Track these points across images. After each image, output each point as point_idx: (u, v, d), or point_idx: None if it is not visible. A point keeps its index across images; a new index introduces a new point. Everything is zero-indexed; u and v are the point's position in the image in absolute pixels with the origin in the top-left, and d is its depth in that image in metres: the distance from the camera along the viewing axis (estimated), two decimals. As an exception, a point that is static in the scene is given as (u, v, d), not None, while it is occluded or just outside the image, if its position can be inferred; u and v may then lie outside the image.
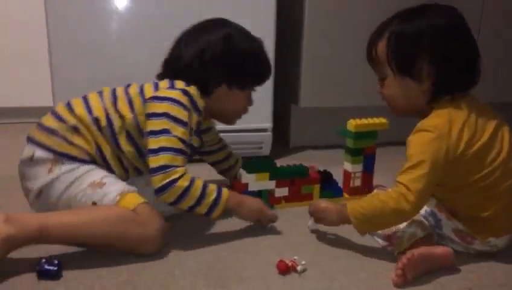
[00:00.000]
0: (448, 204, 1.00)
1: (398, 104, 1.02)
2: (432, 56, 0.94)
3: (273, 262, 0.97)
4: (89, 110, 1.05)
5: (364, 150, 1.31)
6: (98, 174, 1.03)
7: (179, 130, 1.01)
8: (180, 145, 1.01)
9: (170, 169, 0.98)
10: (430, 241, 0.99)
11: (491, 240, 0.99)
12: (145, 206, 0.99)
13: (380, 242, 1.07)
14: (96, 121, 1.04)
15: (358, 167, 1.32)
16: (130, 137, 1.06)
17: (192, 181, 1.00)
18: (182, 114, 1.03)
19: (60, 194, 1.01)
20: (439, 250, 0.94)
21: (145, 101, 1.04)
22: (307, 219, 1.19)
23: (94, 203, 0.99)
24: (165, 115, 1.01)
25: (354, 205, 0.98)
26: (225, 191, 1.05)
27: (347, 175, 1.33)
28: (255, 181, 1.22)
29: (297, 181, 1.26)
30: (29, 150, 1.03)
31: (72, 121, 1.04)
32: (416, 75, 0.96)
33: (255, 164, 1.22)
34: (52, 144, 1.02)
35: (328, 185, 1.31)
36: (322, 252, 1.04)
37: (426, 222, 1.02)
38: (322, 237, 1.11)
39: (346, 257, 1.02)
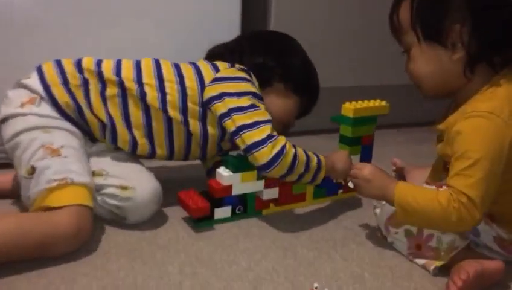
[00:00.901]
0: (491, 207, 0.82)
1: (426, 82, 0.83)
2: (463, 14, 0.75)
3: (287, 294, 0.74)
4: (118, 72, 0.96)
5: (363, 138, 1.11)
6: (62, 139, 0.89)
7: (261, 105, 0.96)
8: (270, 117, 0.94)
9: (275, 138, 0.89)
10: (473, 252, 0.81)
11: None
12: (77, 210, 0.81)
13: (404, 252, 0.88)
14: (122, 84, 0.95)
15: (356, 159, 1.11)
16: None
17: (294, 146, 0.92)
18: (257, 90, 0.98)
19: (15, 134, 0.89)
20: (491, 265, 0.77)
21: (203, 86, 0.97)
22: (304, 223, 0.98)
23: (33, 168, 0.85)
24: (246, 93, 0.95)
25: (405, 193, 0.79)
26: (318, 154, 0.97)
27: (342, 169, 1.12)
28: (240, 182, 0.97)
29: (289, 180, 1.03)
30: (28, 75, 0.95)
31: (89, 75, 0.95)
32: (445, 39, 0.77)
33: (239, 161, 0.96)
34: (50, 80, 0.93)
35: (323, 182, 1.09)
36: (341, 272, 0.82)
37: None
38: (333, 246, 0.89)
39: (371, 277, 0.81)
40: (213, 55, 1.09)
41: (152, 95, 0.95)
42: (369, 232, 0.96)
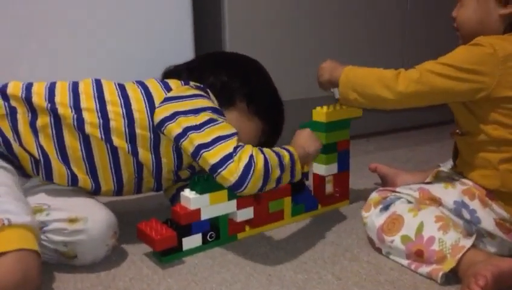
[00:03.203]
0: (486, 176, 0.77)
1: (466, 28, 0.82)
2: None
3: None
4: (51, 97, 0.83)
5: (338, 144, 1.02)
6: None
7: (222, 118, 0.84)
8: (233, 129, 0.83)
9: (240, 148, 0.78)
10: (480, 252, 0.72)
11: None
12: (20, 255, 0.65)
13: (403, 263, 0.77)
14: (55, 111, 0.81)
15: (333, 168, 1.02)
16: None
17: (261, 150, 0.81)
18: (217, 106, 0.89)
19: None
20: (507, 266, 0.67)
21: (152, 108, 0.85)
22: (286, 243, 0.86)
23: None
24: (204, 109, 0.84)
25: (355, 68, 0.86)
26: (287, 147, 0.87)
27: (320, 180, 1.02)
28: (209, 205, 0.84)
29: (263, 197, 0.91)
30: None
31: (16, 102, 0.81)
32: None
33: (206, 180, 0.84)
34: None
35: (301, 196, 0.98)
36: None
37: (460, 220, 0.77)
38: (323, 266, 0.77)
39: (372, 296, 0.70)
40: (170, 74, 0.98)
41: (92, 122, 0.82)
42: (359, 245, 0.86)
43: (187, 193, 0.83)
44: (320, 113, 0.98)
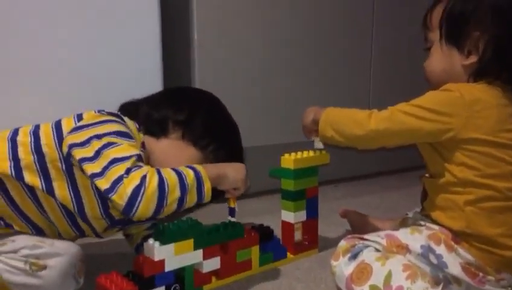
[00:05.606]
0: (452, 218, 0.77)
1: (434, 78, 0.86)
2: (484, 24, 0.79)
3: None
4: None
5: (307, 191, 1.01)
6: None
7: (126, 141, 0.80)
8: (133, 151, 0.79)
9: (133, 170, 0.75)
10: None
11: (505, 276, 0.76)
12: None
13: (373, 315, 0.75)
14: None
15: (302, 215, 1.01)
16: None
17: (158, 170, 0.77)
18: (126, 129, 0.84)
19: None
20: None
21: (60, 139, 0.82)
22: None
23: None
24: (106, 134, 0.80)
25: (335, 108, 0.90)
26: (194, 165, 0.83)
27: (288, 228, 1.00)
28: (174, 255, 0.80)
29: (231, 246, 0.88)
30: None
31: None
32: (463, 45, 0.81)
33: (171, 229, 0.81)
34: None
35: (269, 245, 0.96)
36: None
37: (427, 267, 0.77)
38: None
39: None
40: (128, 106, 0.97)
41: (1, 165, 0.79)
42: (329, 296, 0.83)
43: (151, 243, 0.80)
44: (288, 160, 0.98)
